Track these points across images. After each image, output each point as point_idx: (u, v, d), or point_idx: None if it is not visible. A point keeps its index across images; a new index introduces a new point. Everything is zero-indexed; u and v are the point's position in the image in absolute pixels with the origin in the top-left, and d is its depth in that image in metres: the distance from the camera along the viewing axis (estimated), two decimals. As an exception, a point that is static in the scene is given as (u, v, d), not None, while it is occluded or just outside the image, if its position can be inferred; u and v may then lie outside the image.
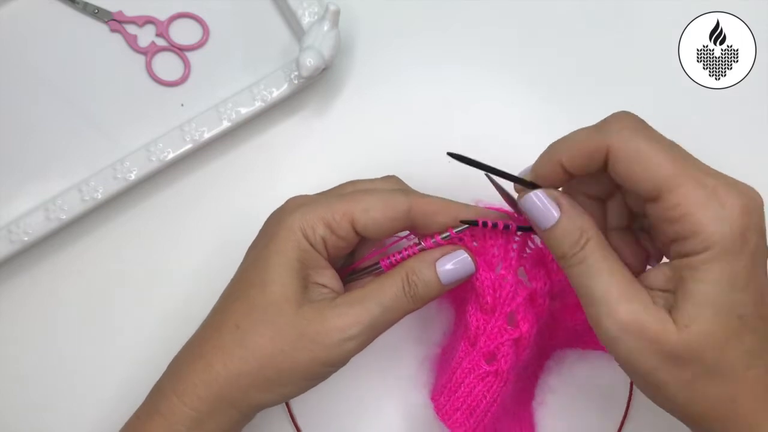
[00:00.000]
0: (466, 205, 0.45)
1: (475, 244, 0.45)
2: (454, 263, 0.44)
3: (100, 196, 0.54)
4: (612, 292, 0.38)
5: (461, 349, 0.48)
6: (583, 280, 0.39)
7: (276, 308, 0.43)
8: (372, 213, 0.44)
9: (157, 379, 0.45)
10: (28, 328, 0.56)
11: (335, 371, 0.44)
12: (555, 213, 0.40)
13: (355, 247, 0.48)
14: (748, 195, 0.37)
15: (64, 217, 0.53)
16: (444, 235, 0.44)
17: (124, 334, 0.55)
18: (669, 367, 0.37)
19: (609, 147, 0.38)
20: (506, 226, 0.44)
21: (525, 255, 0.46)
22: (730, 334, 0.36)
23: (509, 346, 0.46)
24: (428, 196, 0.46)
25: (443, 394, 0.49)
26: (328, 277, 0.45)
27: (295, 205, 0.45)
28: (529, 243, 0.46)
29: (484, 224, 0.44)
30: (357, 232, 0.45)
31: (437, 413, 0.49)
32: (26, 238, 0.53)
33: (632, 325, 0.37)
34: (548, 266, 0.46)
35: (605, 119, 0.39)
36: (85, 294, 0.56)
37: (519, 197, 0.41)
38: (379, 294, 0.43)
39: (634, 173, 0.37)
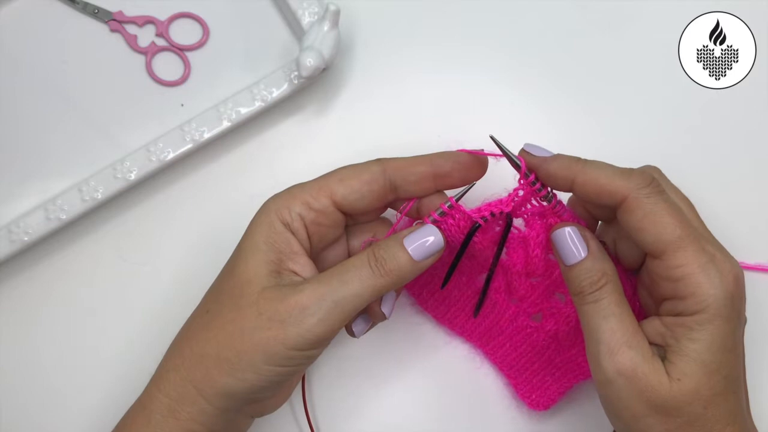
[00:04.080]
0: (442, 153, 0.46)
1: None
2: (421, 238, 0.43)
3: (100, 196, 0.54)
4: (616, 336, 0.40)
5: (512, 311, 0.52)
6: (593, 319, 0.41)
7: (239, 290, 0.43)
8: (347, 180, 0.45)
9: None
10: (27, 328, 0.56)
11: (304, 357, 0.42)
12: (582, 252, 0.42)
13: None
14: (738, 267, 0.40)
15: (64, 217, 0.53)
16: (438, 211, 0.45)
17: (124, 333, 0.55)
18: (655, 415, 0.39)
19: (627, 197, 0.40)
20: (492, 214, 0.46)
21: (525, 209, 0.47)
22: (716, 392, 0.39)
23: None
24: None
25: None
26: (302, 265, 0.44)
27: (275, 194, 0.46)
28: (534, 201, 0.46)
29: (484, 219, 0.45)
30: (338, 207, 0.45)
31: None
32: (26, 238, 0.53)
33: (629, 370, 0.39)
34: (547, 219, 0.46)
35: (633, 169, 0.42)
36: (85, 294, 0.56)
37: (552, 230, 0.44)
38: (342, 270, 0.43)
39: (643, 228, 0.40)
